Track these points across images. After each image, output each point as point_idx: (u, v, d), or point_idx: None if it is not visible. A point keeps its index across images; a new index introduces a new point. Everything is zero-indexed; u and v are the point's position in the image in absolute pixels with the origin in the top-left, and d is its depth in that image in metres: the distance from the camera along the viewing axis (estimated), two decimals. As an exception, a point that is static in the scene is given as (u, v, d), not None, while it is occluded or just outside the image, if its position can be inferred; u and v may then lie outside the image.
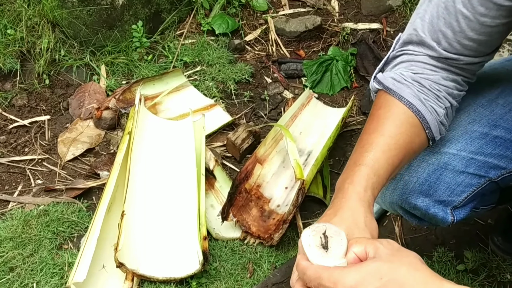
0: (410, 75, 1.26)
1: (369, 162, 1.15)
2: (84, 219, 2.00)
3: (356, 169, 1.14)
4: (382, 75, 1.28)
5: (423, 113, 1.23)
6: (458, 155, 1.38)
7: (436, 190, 1.40)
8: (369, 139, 1.20)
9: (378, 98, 1.28)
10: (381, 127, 1.21)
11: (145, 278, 1.78)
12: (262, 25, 2.78)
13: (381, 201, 1.52)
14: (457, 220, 1.45)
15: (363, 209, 1.08)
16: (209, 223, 1.96)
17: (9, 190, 2.12)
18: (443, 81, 1.26)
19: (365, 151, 1.18)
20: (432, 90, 1.25)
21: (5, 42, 2.38)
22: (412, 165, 1.40)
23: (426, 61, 1.26)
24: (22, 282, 1.80)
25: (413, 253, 0.96)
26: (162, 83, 2.39)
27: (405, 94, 1.23)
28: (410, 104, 1.22)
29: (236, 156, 2.25)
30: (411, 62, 1.28)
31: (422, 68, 1.26)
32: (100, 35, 2.46)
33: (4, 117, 2.33)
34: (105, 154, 2.23)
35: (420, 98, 1.23)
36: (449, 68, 1.27)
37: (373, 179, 1.13)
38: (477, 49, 1.22)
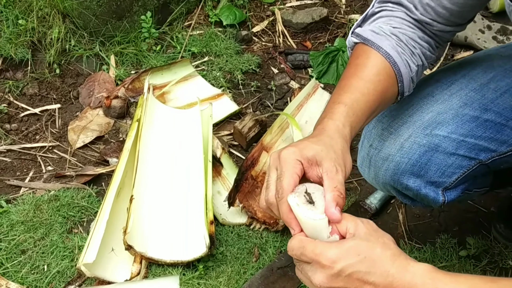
0: (389, 28, 1.30)
1: (348, 101, 1.19)
2: (93, 204, 2.04)
3: (336, 107, 1.18)
4: (361, 29, 1.33)
5: (399, 65, 1.27)
6: (449, 138, 1.41)
7: (427, 171, 1.43)
8: (349, 82, 1.24)
9: (355, 50, 1.32)
10: (360, 73, 1.25)
11: (153, 261, 1.82)
12: (269, 16, 2.81)
13: (375, 182, 1.55)
14: (448, 201, 1.48)
15: (340, 140, 1.12)
16: (216, 209, 2.00)
17: (21, 176, 2.16)
18: (419, 40, 1.31)
19: (344, 92, 1.22)
20: (408, 46, 1.30)
21: (16, 32, 2.42)
22: (403, 146, 1.43)
23: (404, 17, 1.31)
24: (33, 264, 1.85)
25: (388, 234, 1.04)
26: (170, 73, 2.42)
27: (383, 45, 1.27)
28: (388, 55, 1.26)
29: (243, 145, 2.28)
30: (390, 17, 1.32)
31: (400, 24, 1.31)
32: (109, 25, 2.50)
33: (16, 105, 2.38)
34: (114, 142, 2.28)
35: (397, 50, 1.27)
36: (424, 30, 1.32)
37: (352, 118, 1.17)
38: (449, 18, 1.29)
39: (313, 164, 1.07)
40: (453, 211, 2.07)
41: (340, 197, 1.03)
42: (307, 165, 1.07)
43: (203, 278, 1.82)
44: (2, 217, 1.96)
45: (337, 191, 1.03)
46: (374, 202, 2.05)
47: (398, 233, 2.01)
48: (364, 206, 2.05)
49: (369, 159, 1.51)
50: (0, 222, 1.94)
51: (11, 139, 2.27)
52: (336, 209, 1.02)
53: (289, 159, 1.06)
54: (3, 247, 1.87)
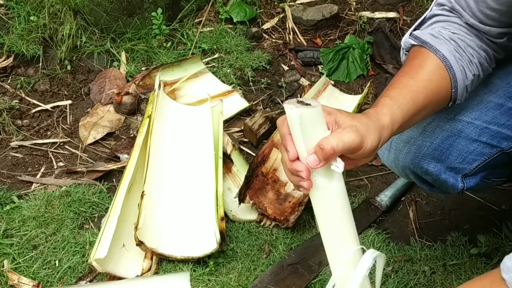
0: (448, 33, 1.29)
1: (395, 95, 1.19)
2: (104, 200, 2.05)
3: (381, 100, 1.19)
4: (420, 32, 1.32)
5: (455, 70, 1.26)
6: (472, 124, 1.40)
7: (448, 157, 1.43)
8: (399, 80, 1.24)
9: (412, 52, 1.31)
10: (413, 72, 1.25)
11: (164, 256, 1.83)
12: (280, 13, 2.81)
13: (394, 165, 1.54)
14: (467, 188, 1.47)
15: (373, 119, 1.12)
16: (227, 205, 2.00)
17: (32, 171, 2.18)
18: (477, 48, 1.30)
19: (393, 88, 1.22)
20: (467, 53, 1.29)
21: (28, 29, 2.44)
22: (426, 130, 1.43)
23: (460, 23, 1.30)
24: (45, 259, 1.86)
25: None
26: (181, 70, 2.43)
27: (441, 49, 1.26)
28: (444, 58, 1.25)
29: (253, 141, 2.28)
30: (448, 22, 1.31)
31: (458, 29, 1.30)
32: (120, 22, 2.51)
33: (27, 101, 2.40)
34: (125, 138, 2.28)
35: (455, 56, 1.26)
36: (481, 37, 1.30)
37: (395, 111, 1.16)
38: (499, 19, 1.25)
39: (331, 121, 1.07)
40: (464, 208, 2.06)
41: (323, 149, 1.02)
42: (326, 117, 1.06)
43: (214, 275, 1.82)
44: (14, 213, 1.97)
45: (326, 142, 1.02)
46: (384, 200, 2.05)
47: (408, 230, 2.01)
48: (374, 204, 2.05)
49: (389, 142, 1.50)
50: (12, 218, 1.95)
51: (22, 135, 2.28)
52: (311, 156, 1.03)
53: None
54: (15, 242, 1.88)
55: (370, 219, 2.01)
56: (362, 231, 1.97)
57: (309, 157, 1.03)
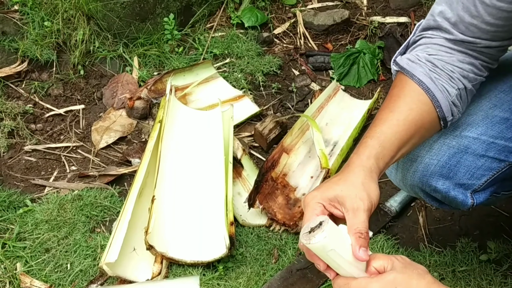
0: (424, 55, 1.30)
1: (375, 134, 1.23)
2: (116, 204, 2.07)
3: (363, 142, 1.23)
4: (400, 58, 1.34)
5: (433, 91, 1.27)
6: (479, 139, 1.40)
7: (456, 173, 1.43)
8: (380, 115, 1.27)
9: (395, 79, 1.34)
10: (393, 104, 1.27)
11: (174, 261, 1.85)
12: (291, 18, 2.82)
13: (402, 184, 1.55)
14: (477, 204, 1.47)
15: (362, 173, 1.16)
16: (236, 210, 2.02)
17: (45, 175, 2.21)
18: (458, 63, 1.30)
19: (374, 126, 1.25)
20: (445, 70, 1.29)
21: (42, 34, 2.47)
22: (433, 148, 1.43)
23: (442, 43, 1.30)
24: (57, 263, 1.89)
25: (421, 266, 1.12)
26: (192, 75, 2.45)
27: (416, 73, 1.28)
28: (420, 82, 1.27)
29: (263, 146, 2.30)
30: (428, 44, 1.32)
31: (437, 50, 1.31)
32: (133, 27, 2.54)
33: (41, 106, 2.43)
34: (137, 142, 2.31)
35: (431, 76, 1.28)
36: (466, 51, 1.30)
37: (377, 150, 1.20)
38: (495, 33, 1.25)
39: (336, 204, 1.14)
40: (474, 215, 2.06)
41: (361, 237, 1.09)
42: (330, 205, 1.14)
43: (223, 279, 1.83)
44: (27, 216, 2.00)
45: (358, 232, 1.09)
46: (394, 205, 2.05)
47: (418, 236, 2.01)
48: (384, 209, 2.05)
49: None
50: (25, 221, 1.99)
51: (36, 139, 2.31)
52: (361, 250, 1.08)
53: (310, 203, 1.15)
54: (27, 245, 1.91)
55: (379, 225, 2.01)
56: (372, 236, 1.98)
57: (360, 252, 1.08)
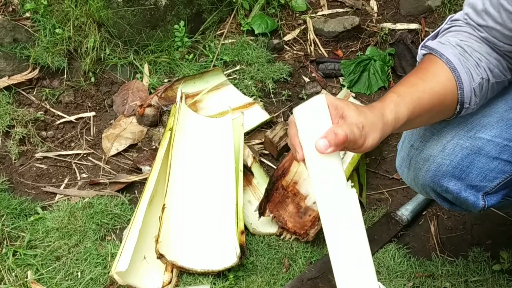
0: (455, 40, 1.34)
1: (402, 93, 1.23)
2: (126, 212, 2.07)
3: (388, 94, 1.23)
4: (430, 41, 1.36)
5: (459, 72, 1.29)
6: (493, 141, 1.39)
7: (468, 175, 1.42)
8: (408, 79, 1.29)
9: (422, 60, 1.36)
10: (420, 74, 1.30)
11: (184, 269, 1.84)
12: (301, 25, 2.82)
13: (414, 183, 1.54)
14: (488, 206, 1.46)
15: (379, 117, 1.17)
16: (247, 218, 2.01)
17: (56, 183, 2.21)
18: (486, 54, 1.32)
19: (401, 85, 1.27)
20: (473, 57, 1.31)
21: (53, 41, 2.48)
22: (446, 148, 1.42)
23: (472, 33, 1.34)
24: (67, 271, 1.89)
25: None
26: (203, 82, 2.45)
27: (445, 53, 1.30)
28: (448, 61, 1.29)
29: (274, 154, 2.29)
30: (459, 31, 1.36)
31: (467, 38, 1.34)
32: (143, 34, 2.54)
33: (52, 113, 2.44)
34: (147, 150, 2.31)
35: (459, 58, 1.30)
36: (493, 48, 1.33)
37: (401, 109, 1.21)
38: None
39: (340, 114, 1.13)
40: (486, 224, 2.04)
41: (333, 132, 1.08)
42: (335, 112, 1.12)
43: (233, 288, 1.83)
44: (38, 224, 2.01)
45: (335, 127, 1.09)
46: (405, 214, 2.04)
47: (430, 245, 1.99)
48: (395, 218, 2.04)
49: (409, 160, 1.50)
50: (36, 229, 1.99)
51: (47, 146, 2.32)
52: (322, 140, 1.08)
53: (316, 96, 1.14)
54: (38, 253, 1.92)
55: (390, 234, 2.00)
56: (383, 245, 1.97)
57: (320, 141, 1.08)
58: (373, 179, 2.23)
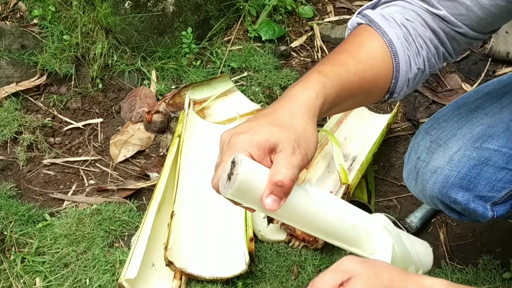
0: (400, 18, 1.17)
1: (330, 73, 1.05)
2: (134, 218, 2.07)
3: (313, 75, 1.04)
4: (370, 11, 1.20)
5: (400, 59, 1.15)
6: (500, 151, 1.39)
7: (476, 185, 1.41)
8: (337, 56, 1.11)
9: (357, 29, 1.19)
10: (354, 50, 1.12)
11: (193, 277, 1.84)
12: (308, 31, 2.82)
13: (422, 195, 1.53)
14: (497, 216, 1.46)
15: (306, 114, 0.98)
16: (255, 225, 2.00)
17: (64, 189, 2.21)
18: (428, 42, 1.19)
19: (330, 64, 1.08)
20: (416, 43, 1.18)
21: (61, 48, 2.48)
22: (453, 159, 1.41)
23: (421, 14, 1.18)
24: (75, 278, 1.88)
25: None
26: (210, 88, 2.45)
27: (389, 32, 1.14)
28: (391, 43, 1.14)
29: (282, 160, 2.28)
30: (406, 8, 1.20)
31: (414, 19, 1.19)
32: (151, 41, 2.55)
33: (60, 119, 2.44)
34: (155, 156, 2.31)
35: (403, 43, 1.15)
36: (439, 32, 1.19)
37: (328, 90, 1.03)
38: (480, 21, 1.16)
39: (267, 150, 0.94)
40: (496, 231, 2.03)
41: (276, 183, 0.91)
42: (260, 153, 0.94)
43: (242, 295, 1.82)
44: (46, 230, 2.00)
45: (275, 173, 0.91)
46: (414, 221, 2.03)
47: (439, 253, 1.98)
48: (404, 225, 2.03)
49: (416, 172, 1.50)
50: (44, 235, 1.98)
51: (55, 153, 2.32)
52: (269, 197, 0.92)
53: (236, 147, 0.95)
54: (46, 260, 1.91)
55: (399, 241, 1.99)
56: (392, 253, 1.95)
57: (267, 200, 0.92)
58: (382, 186, 2.23)
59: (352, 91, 1.09)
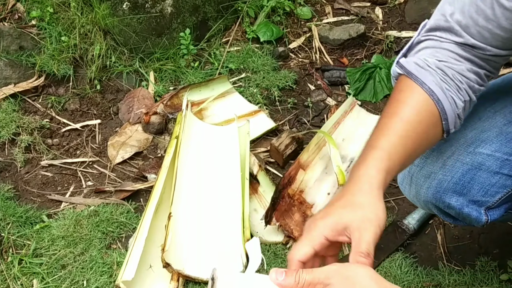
0: (434, 61, 1.23)
1: (385, 145, 1.14)
2: (132, 220, 2.07)
3: (372, 152, 1.14)
4: (405, 60, 1.26)
5: (443, 103, 1.21)
6: (493, 156, 1.39)
7: (470, 190, 1.41)
8: (388, 123, 1.18)
9: (399, 82, 1.26)
10: (401, 112, 1.19)
11: (190, 278, 1.84)
12: (306, 33, 2.82)
13: (416, 200, 1.53)
14: (491, 221, 1.46)
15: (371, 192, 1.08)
16: (253, 227, 2.00)
17: (62, 191, 2.21)
18: (466, 73, 1.24)
19: (381, 134, 1.17)
20: (455, 81, 1.22)
21: (59, 49, 2.49)
22: (446, 164, 1.41)
23: (452, 49, 1.24)
24: (73, 280, 1.88)
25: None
26: (208, 89, 2.45)
27: (427, 81, 1.20)
28: (431, 91, 1.20)
29: (279, 162, 2.29)
30: (436, 48, 1.25)
31: (446, 56, 1.24)
32: (149, 42, 2.55)
33: (58, 120, 2.44)
34: (153, 158, 2.31)
35: (442, 87, 1.21)
36: (474, 59, 1.24)
37: (387, 163, 1.12)
38: (506, 41, 1.19)
39: (341, 232, 1.06)
40: (494, 233, 2.03)
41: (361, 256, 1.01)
42: (334, 235, 1.06)
43: (240, 297, 1.82)
44: (44, 232, 2.00)
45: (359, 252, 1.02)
46: (412, 223, 2.03)
47: (436, 254, 1.98)
48: (401, 227, 2.03)
49: (410, 177, 1.50)
50: (42, 237, 1.98)
51: (52, 154, 2.32)
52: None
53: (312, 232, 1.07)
54: (44, 261, 1.91)
55: (397, 243, 1.99)
56: (389, 255, 1.96)
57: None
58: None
59: (410, 150, 1.18)
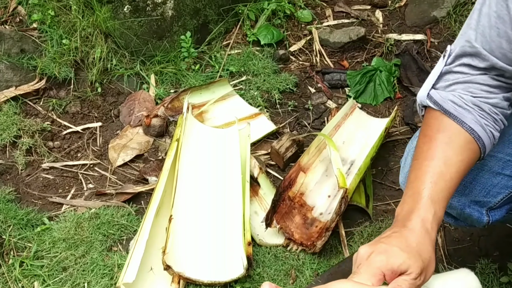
0: (470, 99, 1.25)
1: (434, 195, 1.17)
2: (133, 222, 2.07)
3: (423, 202, 1.16)
4: (439, 96, 1.27)
5: (484, 139, 1.24)
6: (495, 157, 1.40)
7: (472, 190, 1.42)
8: (431, 166, 1.21)
9: (434, 119, 1.27)
10: (443, 154, 1.21)
11: (191, 281, 1.84)
12: (307, 36, 2.83)
13: None
14: (493, 221, 1.47)
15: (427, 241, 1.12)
16: (253, 229, 2.01)
17: (63, 193, 2.22)
18: (501, 103, 1.26)
19: (430, 182, 1.19)
20: (492, 114, 1.25)
21: (60, 52, 2.49)
22: None
23: (483, 82, 1.25)
24: (74, 282, 1.89)
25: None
26: (209, 92, 2.46)
27: (467, 120, 1.23)
28: (472, 130, 1.22)
29: (280, 164, 2.29)
30: (468, 84, 1.26)
31: (479, 91, 1.25)
32: (150, 45, 2.55)
33: (59, 123, 2.44)
34: (154, 160, 2.31)
35: (481, 123, 1.23)
36: (504, 85, 1.25)
37: (438, 213, 1.16)
38: None
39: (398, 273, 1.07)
40: (494, 235, 2.04)
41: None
42: (393, 275, 1.07)
43: (240, 299, 1.83)
44: (45, 234, 2.01)
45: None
46: (412, 225, 2.03)
47: (437, 257, 1.98)
48: (402, 229, 2.03)
49: None
50: (43, 239, 1.99)
51: (54, 157, 2.32)
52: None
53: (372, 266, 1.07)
54: (45, 264, 1.92)
55: (397, 245, 1.99)
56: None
57: None
58: (380, 190, 2.23)
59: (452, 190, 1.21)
